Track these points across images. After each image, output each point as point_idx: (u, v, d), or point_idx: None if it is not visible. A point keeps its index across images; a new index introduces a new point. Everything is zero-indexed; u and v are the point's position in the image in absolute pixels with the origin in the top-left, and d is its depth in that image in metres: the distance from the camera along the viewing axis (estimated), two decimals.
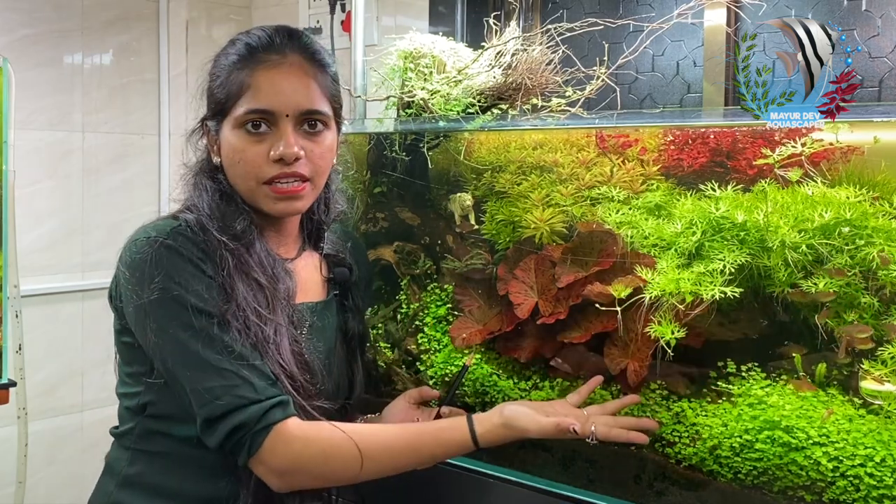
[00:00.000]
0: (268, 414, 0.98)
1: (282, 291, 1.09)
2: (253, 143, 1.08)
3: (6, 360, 1.91)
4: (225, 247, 1.05)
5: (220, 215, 1.09)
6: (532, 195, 1.37)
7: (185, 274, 1.02)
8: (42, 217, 2.44)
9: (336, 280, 1.23)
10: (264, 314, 1.04)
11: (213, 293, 1.02)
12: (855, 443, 1.02)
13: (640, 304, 1.15)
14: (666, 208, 1.27)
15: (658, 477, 1.16)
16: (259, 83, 1.07)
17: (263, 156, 1.07)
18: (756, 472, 1.08)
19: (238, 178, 1.10)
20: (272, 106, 1.07)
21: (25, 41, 2.42)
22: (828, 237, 1.11)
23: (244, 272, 1.05)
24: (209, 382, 0.98)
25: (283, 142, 1.07)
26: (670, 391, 1.19)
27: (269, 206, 1.10)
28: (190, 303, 1.00)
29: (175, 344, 1.01)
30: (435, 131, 1.50)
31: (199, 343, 0.99)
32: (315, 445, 1.01)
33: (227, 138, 1.10)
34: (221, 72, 1.11)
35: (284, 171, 1.08)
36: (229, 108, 1.08)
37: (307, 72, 1.10)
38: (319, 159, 1.11)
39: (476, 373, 1.35)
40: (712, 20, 1.74)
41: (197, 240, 1.05)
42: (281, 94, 1.07)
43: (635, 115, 1.62)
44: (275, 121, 1.07)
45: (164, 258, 1.02)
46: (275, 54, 1.09)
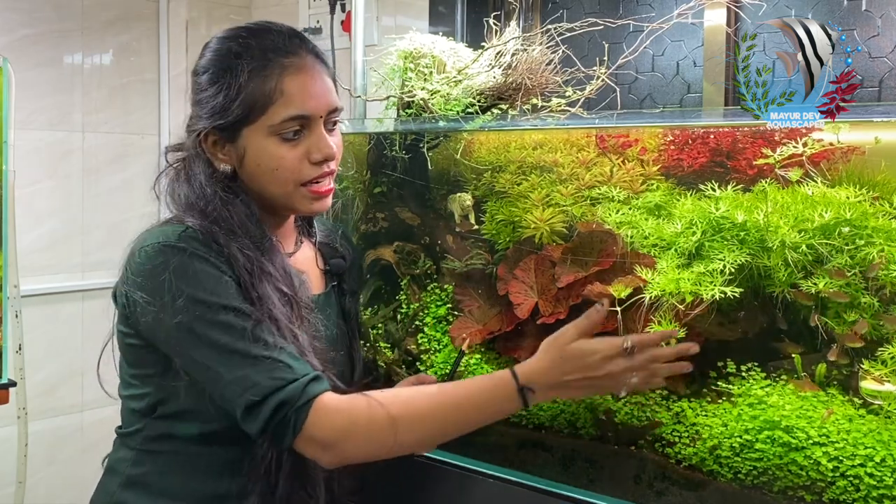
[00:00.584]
0: (308, 388, 0.98)
1: (303, 300, 1.10)
2: (290, 149, 1.08)
3: (6, 360, 1.91)
4: (243, 254, 1.05)
5: (239, 224, 1.08)
6: (532, 195, 1.37)
7: (203, 275, 1.01)
8: (42, 217, 2.44)
9: (333, 272, 1.26)
10: (290, 318, 1.05)
11: (232, 291, 1.02)
12: (855, 443, 1.02)
13: (640, 304, 1.15)
14: (666, 208, 1.27)
15: (658, 477, 1.16)
16: (291, 89, 1.07)
17: (301, 159, 1.08)
18: (756, 472, 1.08)
19: (273, 185, 1.10)
20: (309, 110, 1.08)
21: (25, 41, 2.42)
22: (828, 237, 1.11)
23: (266, 280, 1.05)
24: (245, 370, 0.98)
25: (322, 143, 1.09)
26: (670, 391, 1.19)
27: (305, 206, 1.12)
28: (214, 301, 1.00)
29: (205, 341, 1.00)
30: (435, 131, 1.50)
31: (229, 336, 0.99)
32: (357, 413, 1.00)
33: (256, 147, 1.08)
34: (228, 81, 1.07)
35: (324, 171, 1.10)
36: (256, 117, 1.07)
37: (324, 71, 1.12)
38: (339, 153, 1.14)
39: (476, 373, 1.35)
40: (712, 20, 1.74)
41: (210, 244, 1.04)
42: (314, 97, 1.08)
43: (635, 115, 1.62)
44: (309, 124, 1.09)
45: (181, 262, 1.01)
46: (293, 56, 1.09)
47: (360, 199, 1.64)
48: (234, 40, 1.11)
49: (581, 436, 1.25)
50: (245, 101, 1.06)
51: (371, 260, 1.58)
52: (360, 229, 1.61)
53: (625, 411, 1.21)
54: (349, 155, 1.64)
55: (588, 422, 1.24)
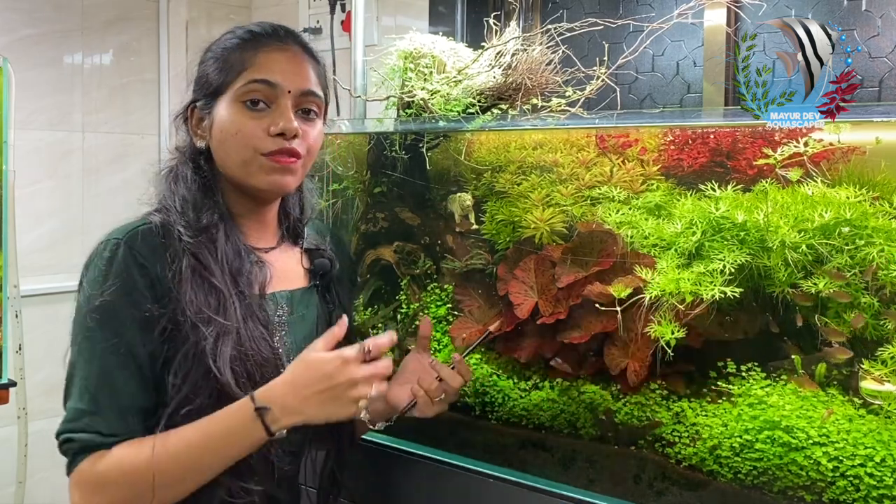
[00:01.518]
0: (81, 452, 1.01)
1: (245, 286, 1.09)
2: (251, 118, 1.09)
3: (6, 360, 1.91)
4: (183, 246, 1.06)
5: (189, 208, 1.10)
6: (532, 195, 1.37)
7: (121, 280, 1.03)
8: (42, 217, 2.44)
9: (316, 271, 1.24)
10: (212, 317, 1.03)
11: (135, 311, 1.02)
12: (855, 443, 1.02)
13: (640, 304, 1.15)
14: (666, 208, 1.27)
15: (658, 477, 1.16)
16: (262, 60, 1.10)
17: (262, 130, 1.09)
18: (756, 472, 1.08)
19: (231, 153, 1.11)
20: (275, 78, 1.09)
21: (26, 41, 2.42)
22: (828, 237, 1.11)
23: (199, 274, 1.05)
24: (77, 388, 1.03)
25: (284, 116, 1.09)
26: (670, 391, 1.19)
27: (260, 178, 1.11)
28: (111, 315, 1.02)
29: (83, 349, 1.04)
30: (435, 131, 1.50)
31: (99, 355, 1.02)
32: (112, 493, 1.01)
33: (221, 115, 1.10)
34: (218, 55, 1.13)
35: (283, 147, 1.10)
36: (227, 85, 1.10)
37: (307, 59, 1.15)
38: (313, 143, 1.14)
39: (476, 373, 1.35)
40: (712, 20, 1.74)
41: (153, 242, 1.06)
42: (284, 71, 1.10)
43: (635, 115, 1.62)
44: (275, 96, 1.10)
45: (108, 259, 1.04)
46: (277, 41, 1.13)
47: (360, 199, 1.64)
48: (233, 28, 1.16)
49: (581, 436, 1.25)
50: (222, 69, 1.11)
51: (371, 260, 1.58)
52: (360, 229, 1.61)
53: (625, 411, 1.21)
54: (349, 155, 1.65)
55: (588, 422, 1.24)
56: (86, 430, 1.01)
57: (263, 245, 1.19)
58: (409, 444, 1.39)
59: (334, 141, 1.66)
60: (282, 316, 1.16)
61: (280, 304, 1.16)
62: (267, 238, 1.21)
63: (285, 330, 1.15)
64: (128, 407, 1.02)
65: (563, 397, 1.26)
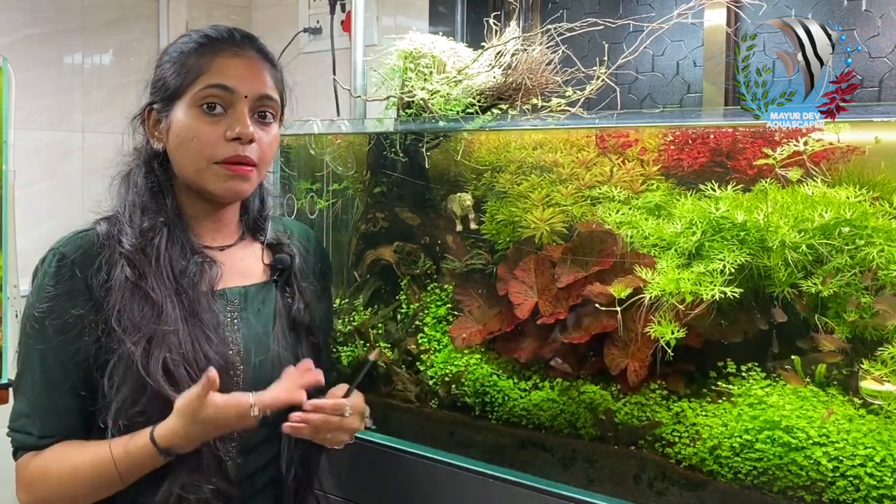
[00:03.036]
0: (19, 450, 1.09)
1: (189, 286, 1.10)
2: (207, 123, 1.11)
3: (6, 360, 1.91)
4: (121, 254, 1.08)
5: (137, 213, 1.12)
6: (532, 195, 1.37)
7: (53, 292, 1.07)
8: (42, 217, 2.44)
9: (275, 265, 1.25)
10: (142, 324, 1.05)
11: (71, 313, 1.06)
12: (855, 443, 1.02)
13: (640, 304, 1.15)
14: (666, 208, 1.27)
15: (658, 477, 1.16)
16: (219, 65, 1.12)
17: (218, 136, 1.11)
18: (756, 472, 1.08)
19: (187, 158, 1.12)
20: (232, 84, 1.11)
21: (26, 41, 2.42)
22: (828, 237, 1.11)
23: (131, 282, 1.07)
24: (18, 405, 1.09)
25: (240, 121, 1.11)
26: (670, 391, 1.19)
27: (216, 185, 1.13)
28: (43, 323, 1.07)
29: (23, 355, 1.10)
30: (435, 131, 1.50)
31: (33, 362, 1.08)
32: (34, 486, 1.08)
33: (178, 118, 1.12)
34: (175, 59, 1.14)
35: (238, 154, 1.11)
36: (184, 89, 1.12)
37: (264, 65, 1.17)
38: (268, 148, 1.16)
39: (476, 373, 1.35)
40: (712, 20, 1.74)
41: (88, 250, 1.09)
42: (241, 76, 1.12)
43: (635, 115, 1.62)
44: (232, 101, 1.11)
45: (45, 270, 1.09)
46: (234, 46, 1.15)
47: (360, 199, 1.64)
48: (188, 32, 1.19)
49: (581, 436, 1.25)
50: (179, 73, 1.13)
51: (371, 260, 1.58)
52: (360, 229, 1.61)
53: (625, 411, 1.21)
54: (349, 155, 1.65)
55: (588, 422, 1.24)
56: (20, 430, 1.09)
57: (220, 243, 1.20)
58: (409, 443, 1.39)
59: (334, 141, 1.66)
60: (232, 312, 1.16)
61: (231, 300, 1.16)
62: (224, 236, 1.22)
63: (237, 325, 1.16)
64: (60, 411, 1.08)
65: (563, 397, 1.26)
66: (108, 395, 1.06)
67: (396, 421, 1.43)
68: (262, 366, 1.15)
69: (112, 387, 1.06)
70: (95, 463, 1.05)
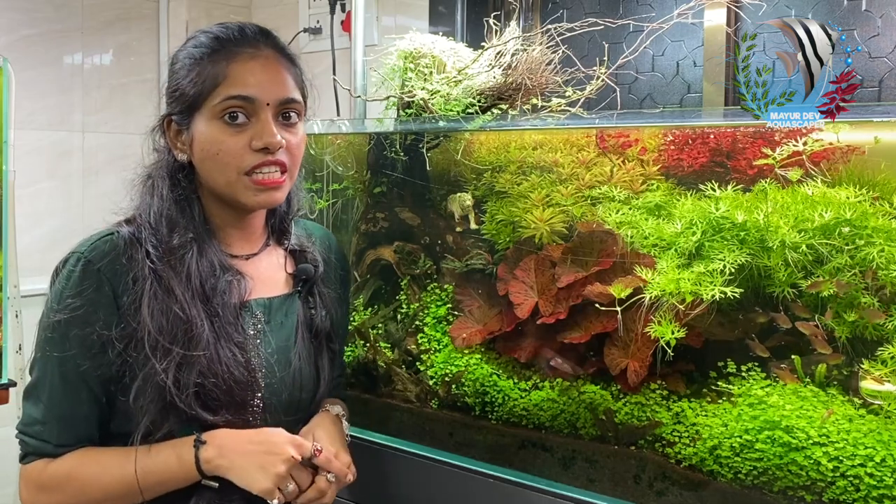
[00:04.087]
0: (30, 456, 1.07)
1: (218, 305, 1.08)
2: (232, 135, 1.07)
3: (6, 360, 1.91)
4: (149, 265, 1.05)
5: (163, 224, 1.09)
6: (532, 195, 1.37)
7: (76, 302, 1.03)
8: (42, 217, 2.44)
9: (299, 276, 1.22)
10: (171, 347, 1.03)
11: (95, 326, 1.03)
12: (855, 443, 1.02)
13: (640, 304, 1.15)
14: (666, 208, 1.27)
15: (658, 477, 1.16)
16: (237, 73, 1.07)
17: (244, 146, 1.07)
18: (756, 472, 1.08)
19: (216, 172, 1.09)
20: (253, 93, 1.07)
21: (26, 41, 2.42)
22: (828, 237, 1.11)
23: (161, 300, 1.05)
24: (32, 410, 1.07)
25: (266, 131, 1.07)
26: (670, 391, 1.19)
27: (249, 198, 1.10)
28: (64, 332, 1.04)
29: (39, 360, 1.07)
30: (435, 131, 1.50)
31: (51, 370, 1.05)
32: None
33: (201, 131, 1.08)
34: (190, 66, 1.10)
35: (267, 160, 1.08)
36: (203, 101, 1.08)
37: (282, 63, 1.12)
38: (297, 150, 1.13)
39: (476, 373, 1.35)
40: (712, 20, 1.74)
41: (116, 259, 1.05)
42: (261, 83, 1.08)
43: (635, 115, 1.62)
44: (254, 111, 1.08)
45: (68, 274, 1.05)
46: (249, 47, 1.10)
47: (360, 199, 1.64)
48: (198, 32, 1.14)
49: (581, 436, 1.25)
50: (195, 83, 1.08)
51: (371, 260, 1.58)
52: (360, 229, 1.61)
53: (625, 411, 1.21)
54: (349, 155, 1.65)
55: (588, 422, 1.24)
56: (36, 437, 1.06)
57: (246, 251, 1.18)
58: (409, 444, 1.39)
59: (334, 141, 1.66)
60: (257, 325, 1.14)
61: (255, 312, 1.14)
62: (251, 243, 1.20)
63: (260, 339, 1.13)
64: (78, 420, 1.06)
65: (563, 397, 1.26)
66: (136, 416, 1.04)
67: (396, 421, 1.43)
68: (283, 381, 1.14)
69: (140, 408, 1.03)
70: (119, 474, 1.04)
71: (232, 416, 1.06)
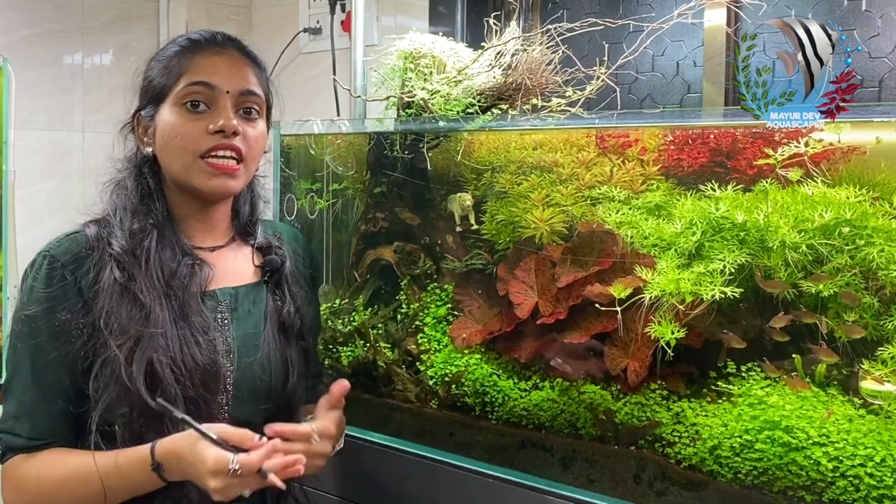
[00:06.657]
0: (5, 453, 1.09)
1: (178, 288, 1.10)
2: (191, 120, 1.11)
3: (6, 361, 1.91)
4: (110, 255, 1.08)
5: (127, 216, 1.12)
6: (532, 195, 1.37)
7: (43, 295, 1.07)
8: (42, 217, 2.44)
9: (265, 267, 1.24)
10: (128, 327, 1.05)
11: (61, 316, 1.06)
12: (855, 443, 1.02)
13: (639, 304, 1.15)
14: (666, 208, 1.27)
15: (658, 477, 1.16)
16: (201, 63, 1.13)
17: (202, 131, 1.11)
18: (756, 472, 1.08)
19: (173, 155, 1.13)
20: (213, 80, 1.12)
21: (26, 41, 2.42)
22: (828, 237, 1.11)
23: (120, 283, 1.07)
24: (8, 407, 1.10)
25: (223, 115, 1.11)
26: (670, 391, 1.19)
27: (203, 182, 1.13)
28: (33, 326, 1.07)
29: (11, 356, 1.10)
30: (435, 131, 1.50)
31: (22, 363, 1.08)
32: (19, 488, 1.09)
33: (164, 119, 1.13)
34: (159, 63, 1.15)
35: (222, 143, 1.11)
36: (168, 90, 1.13)
37: (247, 62, 1.17)
38: (254, 142, 1.16)
39: (476, 373, 1.35)
40: (712, 20, 1.74)
41: (78, 252, 1.09)
42: (222, 72, 1.13)
43: (635, 115, 1.62)
44: (214, 98, 1.12)
45: (34, 274, 1.09)
46: (216, 46, 1.16)
47: (360, 200, 1.64)
48: (179, 37, 1.18)
49: (581, 436, 1.25)
50: (163, 74, 1.14)
51: (371, 260, 1.58)
52: (360, 229, 1.61)
53: (625, 411, 1.21)
54: (349, 155, 1.65)
55: (588, 422, 1.24)
56: (10, 432, 1.08)
57: (210, 244, 1.20)
58: (409, 443, 1.39)
59: (334, 141, 1.66)
60: (223, 312, 1.16)
61: (221, 300, 1.16)
62: (215, 237, 1.21)
63: (228, 325, 1.15)
64: (50, 413, 1.08)
65: (563, 397, 1.26)
66: (93, 397, 1.05)
67: (396, 421, 1.43)
68: (251, 367, 1.15)
69: (97, 390, 1.05)
70: (85, 474, 1.04)
71: (199, 402, 1.06)
